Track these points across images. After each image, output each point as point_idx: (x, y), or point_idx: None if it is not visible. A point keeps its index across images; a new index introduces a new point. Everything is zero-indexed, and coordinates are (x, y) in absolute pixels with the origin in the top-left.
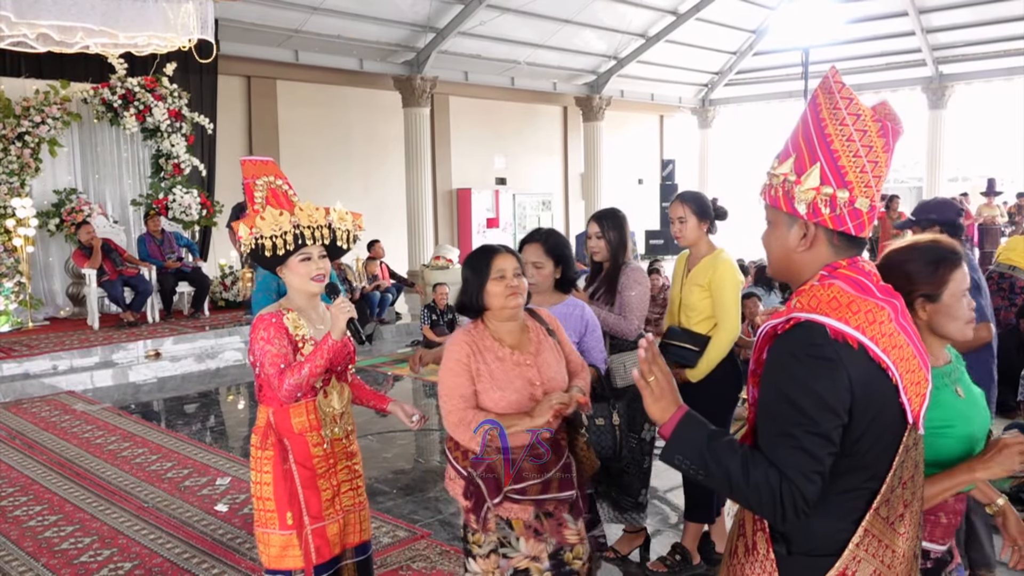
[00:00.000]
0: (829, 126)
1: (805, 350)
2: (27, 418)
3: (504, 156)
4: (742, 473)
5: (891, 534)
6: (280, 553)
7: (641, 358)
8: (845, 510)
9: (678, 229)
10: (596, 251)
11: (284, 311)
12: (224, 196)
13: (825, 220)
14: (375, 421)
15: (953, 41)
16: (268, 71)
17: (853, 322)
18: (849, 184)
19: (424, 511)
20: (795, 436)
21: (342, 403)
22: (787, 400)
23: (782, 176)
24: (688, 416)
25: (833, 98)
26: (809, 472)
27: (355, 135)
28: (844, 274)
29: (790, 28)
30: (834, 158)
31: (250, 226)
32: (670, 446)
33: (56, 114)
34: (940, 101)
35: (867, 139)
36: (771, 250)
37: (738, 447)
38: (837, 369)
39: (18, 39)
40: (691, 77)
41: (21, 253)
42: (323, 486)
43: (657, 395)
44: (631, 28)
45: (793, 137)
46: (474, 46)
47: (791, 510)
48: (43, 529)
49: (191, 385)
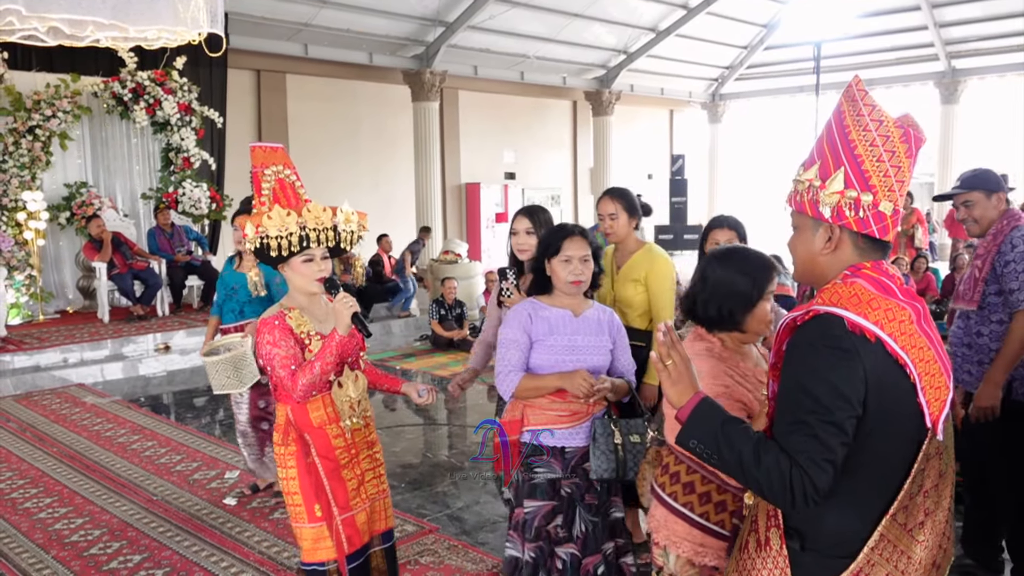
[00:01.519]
0: (852, 132)
1: (823, 340)
2: (37, 411)
3: (513, 150)
4: (753, 457)
5: (908, 540)
6: (313, 546)
7: (659, 342)
8: (860, 509)
9: (609, 225)
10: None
11: (286, 311)
12: (234, 190)
13: (850, 223)
14: (383, 415)
15: (966, 36)
16: (278, 65)
17: (872, 317)
18: (873, 188)
19: (432, 505)
20: (808, 424)
21: (358, 391)
22: (803, 389)
23: (807, 182)
24: (705, 401)
25: (856, 105)
26: (820, 460)
27: (364, 129)
28: (867, 274)
29: (802, 22)
30: (858, 162)
31: (256, 225)
32: (686, 429)
33: (67, 108)
34: (953, 96)
35: (890, 144)
36: (797, 254)
37: (752, 433)
38: (853, 360)
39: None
40: (701, 71)
41: (32, 246)
42: (347, 476)
43: (675, 378)
44: (641, 22)
45: (818, 144)
46: (483, 40)
47: (800, 496)
48: (53, 521)
49: (201, 378)
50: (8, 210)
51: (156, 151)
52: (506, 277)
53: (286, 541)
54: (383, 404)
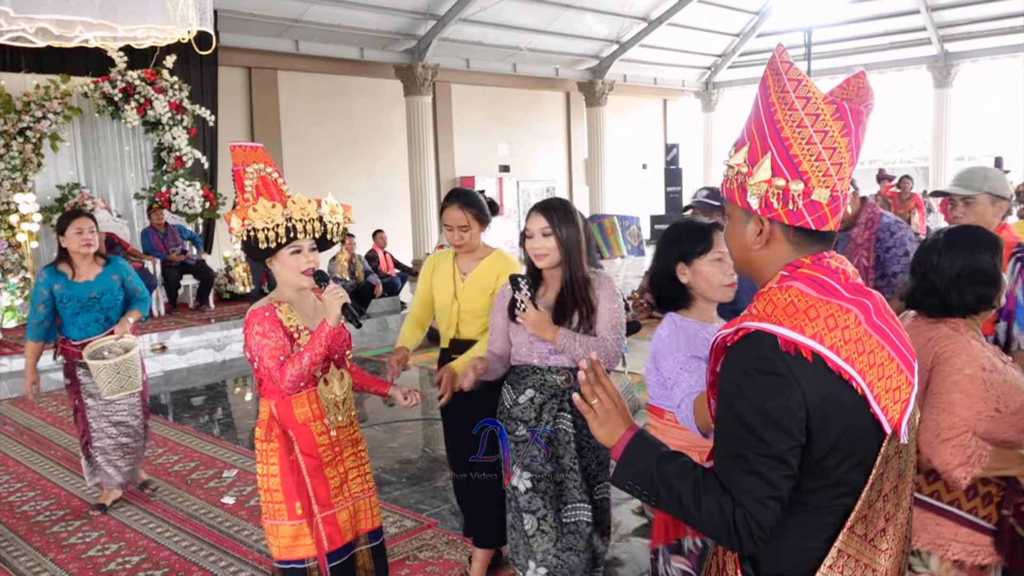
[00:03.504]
0: (778, 111)
1: (754, 364)
2: (34, 413)
3: (507, 143)
4: (693, 499)
5: (871, 552)
6: (291, 543)
7: (582, 380)
8: (816, 528)
9: (460, 237)
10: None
11: (275, 304)
12: (227, 188)
13: (779, 215)
14: (382, 411)
15: (958, 19)
16: (269, 62)
17: (809, 330)
18: (804, 174)
19: (431, 500)
20: (747, 459)
21: (343, 389)
22: (737, 419)
23: (736, 167)
24: (637, 438)
25: (780, 80)
26: (763, 498)
27: (357, 124)
28: (805, 274)
29: (793, 8)
30: (785, 146)
31: (242, 217)
32: (620, 471)
33: (57, 109)
34: (946, 80)
35: (820, 124)
36: (731, 247)
37: (689, 470)
38: (789, 385)
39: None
40: (694, 60)
41: (25, 248)
42: (330, 474)
43: (603, 419)
44: (633, 11)
45: (747, 124)
46: (475, 33)
47: (747, 538)
48: (51, 524)
49: (197, 378)
50: (0, 213)
51: (148, 151)
52: (519, 287)
53: None
54: (382, 400)
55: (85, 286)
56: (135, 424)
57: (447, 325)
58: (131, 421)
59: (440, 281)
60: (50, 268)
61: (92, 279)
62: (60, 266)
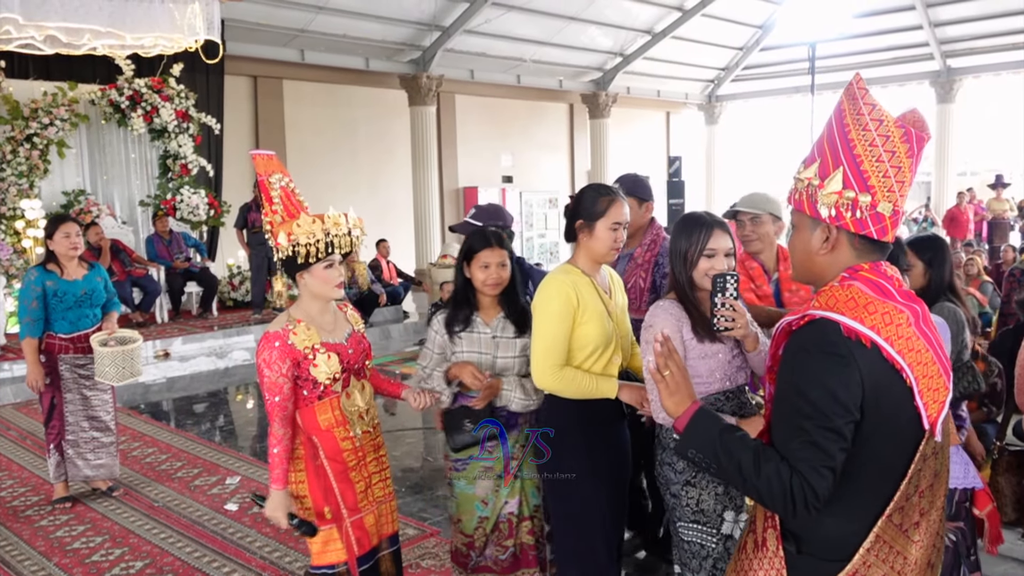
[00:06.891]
0: (852, 131)
1: (818, 346)
2: (37, 419)
3: (511, 154)
4: (753, 466)
5: (904, 541)
6: (322, 549)
7: (657, 352)
8: (857, 512)
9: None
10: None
11: (292, 325)
12: (231, 196)
13: (847, 224)
14: (384, 419)
15: (961, 35)
16: (274, 71)
17: (868, 322)
18: (871, 188)
19: (433, 509)
20: (806, 430)
21: (365, 400)
22: (799, 395)
23: (806, 180)
24: (702, 411)
25: (856, 104)
26: (820, 466)
27: (362, 134)
28: (865, 276)
29: (797, 23)
30: (856, 163)
31: (288, 233)
32: (684, 439)
33: (64, 116)
34: (948, 95)
35: (889, 144)
36: (795, 253)
37: (751, 441)
38: (849, 365)
39: (26, 41)
40: (697, 73)
41: (30, 254)
42: (356, 478)
43: (672, 389)
44: (637, 24)
45: (818, 143)
46: (480, 44)
47: (802, 504)
48: (55, 528)
49: (200, 385)
50: (6, 218)
51: (154, 158)
52: (724, 289)
53: (287, 546)
54: (383, 409)
55: (76, 283)
56: (107, 419)
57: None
58: (104, 416)
59: (590, 303)
60: (39, 267)
61: (81, 279)
62: (48, 266)
